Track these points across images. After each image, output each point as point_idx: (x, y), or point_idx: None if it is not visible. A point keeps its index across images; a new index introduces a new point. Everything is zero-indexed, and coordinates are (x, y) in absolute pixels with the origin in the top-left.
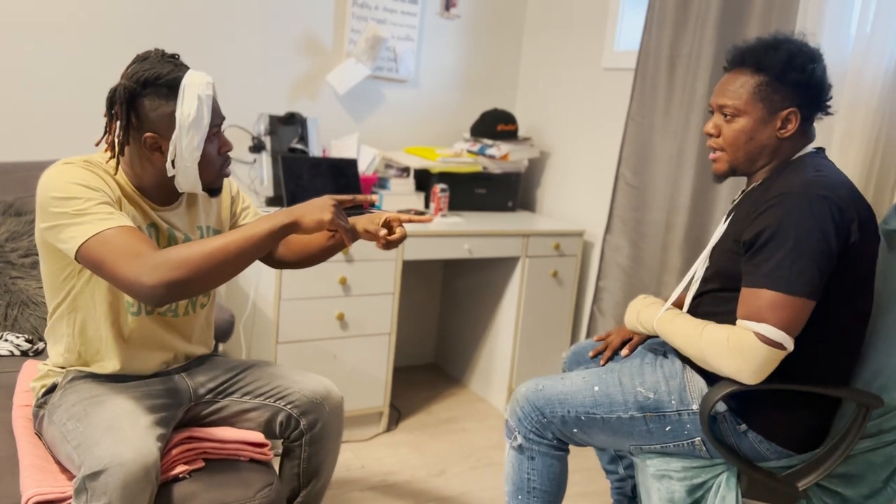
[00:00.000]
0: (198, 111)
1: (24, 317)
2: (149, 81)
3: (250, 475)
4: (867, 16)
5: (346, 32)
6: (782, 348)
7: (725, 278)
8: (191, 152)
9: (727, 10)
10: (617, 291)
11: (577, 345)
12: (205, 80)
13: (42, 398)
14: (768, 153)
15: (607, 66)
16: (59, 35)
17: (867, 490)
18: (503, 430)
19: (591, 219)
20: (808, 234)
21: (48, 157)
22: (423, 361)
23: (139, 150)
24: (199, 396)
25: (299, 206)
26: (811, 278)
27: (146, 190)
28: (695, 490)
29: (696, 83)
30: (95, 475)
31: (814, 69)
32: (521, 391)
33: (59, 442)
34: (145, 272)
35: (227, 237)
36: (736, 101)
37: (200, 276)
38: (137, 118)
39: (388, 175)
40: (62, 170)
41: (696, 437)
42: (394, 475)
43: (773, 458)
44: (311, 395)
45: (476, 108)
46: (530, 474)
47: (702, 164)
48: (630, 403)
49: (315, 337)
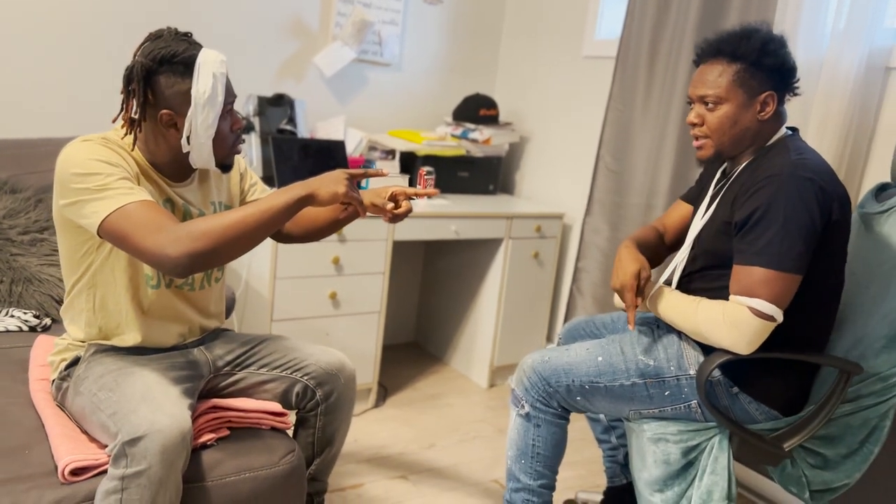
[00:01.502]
0: (213, 88)
1: (28, 293)
2: (165, 59)
3: (273, 442)
4: (842, 12)
5: (332, 15)
6: (773, 320)
7: (714, 257)
8: (206, 129)
9: (708, 1)
10: (595, 272)
11: (571, 322)
12: (219, 59)
13: (65, 371)
14: (751, 135)
15: (588, 55)
16: (51, 13)
17: (845, 450)
18: (487, 404)
19: (569, 202)
20: (795, 213)
21: (41, 134)
22: (404, 340)
23: (155, 126)
24: (218, 369)
25: (315, 179)
26: (799, 254)
27: (160, 166)
28: (689, 452)
29: (676, 73)
30: (135, 441)
31: (786, 53)
32: (528, 362)
33: (91, 412)
34: (169, 244)
35: (246, 210)
36: (717, 90)
37: (221, 246)
38: (153, 95)
39: (373, 157)
40: (81, 147)
41: (692, 401)
42: (387, 448)
43: (761, 421)
44: (327, 367)
45: (457, 92)
46: (535, 440)
47: (682, 150)
48: (632, 371)
49: (308, 315)
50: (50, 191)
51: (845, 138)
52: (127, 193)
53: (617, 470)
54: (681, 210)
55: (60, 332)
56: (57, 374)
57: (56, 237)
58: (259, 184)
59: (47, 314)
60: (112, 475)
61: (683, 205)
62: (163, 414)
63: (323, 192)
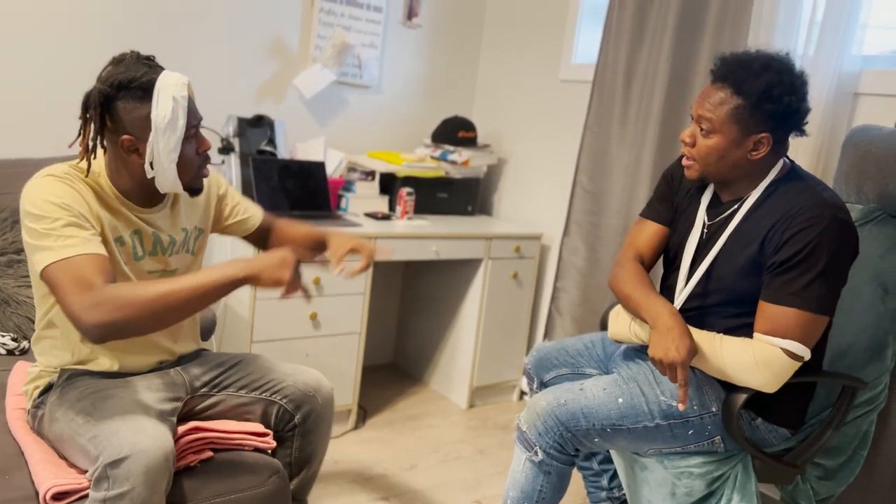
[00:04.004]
0: (173, 112)
1: (6, 315)
2: (123, 84)
3: (257, 464)
4: (811, 40)
5: (312, 37)
6: (802, 360)
7: (736, 294)
8: (168, 153)
9: (682, 28)
10: (574, 291)
11: (538, 350)
12: (180, 82)
13: (38, 399)
14: (741, 171)
15: (564, 78)
16: (34, 33)
17: (842, 458)
18: (466, 425)
19: (546, 222)
20: (836, 259)
21: (19, 154)
22: (382, 361)
23: (117, 152)
24: (195, 389)
25: (261, 259)
26: (833, 298)
27: (128, 193)
28: (713, 483)
29: (652, 97)
30: (117, 462)
31: (790, 101)
32: (542, 405)
33: (69, 437)
34: (86, 308)
35: (178, 282)
36: (713, 117)
37: (141, 320)
38: (113, 121)
39: (353, 178)
40: (40, 184)
41: (716, 436)
42: (369, 469)
43: (776, 443)
44: (304, 388)
45: (435, 114)
46: (543, 486)
47: (658, 172)
48: (655, 412)
49: (289, 336)
50: None
51: (815, 162)
52: (69, 245)
53: (602, 495)
54: (649, 230)
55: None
56: (31, 402)
57: None
58: (241, 203)
59: (25, 336)
60: (94, 498)
61: (651, 224)
62: (145, 435)
63: (265, 277)
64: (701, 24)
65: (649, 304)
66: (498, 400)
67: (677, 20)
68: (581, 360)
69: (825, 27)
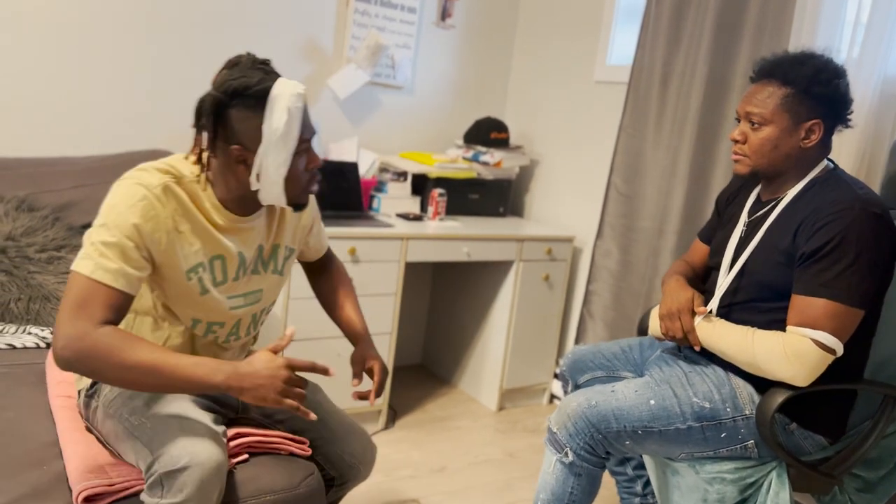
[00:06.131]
0: (286, 126)
1: (46, 311)
2: (238, 91)
3: (292, 466)
4: (856, 41)
5: (346, 39)
6: (834, 353)
7: (767, 288)
8: (276, 168)
9: (720, 29)
10: (606, 295)
11: (574, 353)
12: (295, 91)
13: (91, 388)
14: (792, 161)
15: (599, 80)
16: (76, 31)
17: (883, 472)
18: (496, 427)
19: (579, 225)
20: (868, 248)
21: (57, 153)
22: (410, 362)
23: (226, 161)
24: (246, 410)
25: (248, 375)
26: (867, 290)
27: (226, 201)
28: (746, 489)
29: (689, 99)
30: (174, 473)
31: (838, 84)
32: (573, 406)
33: (124, 436)
34: (68, 335)
35: (164, 360)
36: (763, 110)
37: (105, 377)
38: (224, 129)
39: (385, 179)
40: (126, 190)
41: (749, 441)
42: (398, 470)
43: (813, 452)
44: (350, 460)
45: (467, 115)
46: (574, 488)
47: (694, 175)
48: (687, 414)
49: (322, 335)
50: (66, 209)
51: (858, 165)
52: (101, 268)
53: (636, 501)
54: (702, 249)
55: None
56: (84, 391)
57: (72, 255)
58: (316, 225)
59: None
60: (147, 502)
61: (702, 245)
62: (202, 446)
63: (246, 396)
64: (740, 25)
65: (666, 277)
66: (528, 403)
67: (715, 21)
68: (617, 363)
69: (870, 28)
